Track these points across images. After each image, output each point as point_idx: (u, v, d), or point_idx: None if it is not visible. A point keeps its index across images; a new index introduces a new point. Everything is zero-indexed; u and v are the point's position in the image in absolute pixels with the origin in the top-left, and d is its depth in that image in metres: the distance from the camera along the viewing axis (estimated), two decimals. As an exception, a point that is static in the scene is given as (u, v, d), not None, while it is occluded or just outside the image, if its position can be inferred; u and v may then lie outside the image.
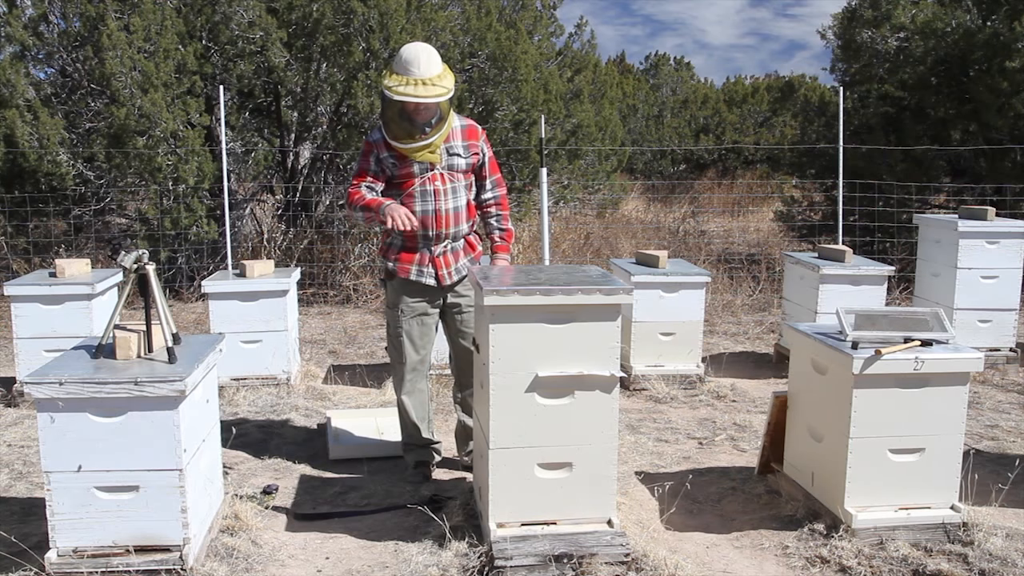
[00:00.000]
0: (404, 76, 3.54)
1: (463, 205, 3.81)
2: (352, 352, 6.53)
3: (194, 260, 8.41)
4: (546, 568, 3.00)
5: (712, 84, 22.37)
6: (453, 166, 3.76)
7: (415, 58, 3.54)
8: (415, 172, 3.71)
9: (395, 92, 3.52)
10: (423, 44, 3.65)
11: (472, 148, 3.80)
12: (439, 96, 3.55)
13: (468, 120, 3.87)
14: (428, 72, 3.54)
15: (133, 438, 2.89)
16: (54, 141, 7.64)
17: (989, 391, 5.43)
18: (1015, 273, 5.95)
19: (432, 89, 3.53)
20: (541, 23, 9.91)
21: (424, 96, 3.52)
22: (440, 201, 3.73)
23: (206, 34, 8.24)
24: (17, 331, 5.08)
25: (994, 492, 3.59)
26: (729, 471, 4.12)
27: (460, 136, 3.78)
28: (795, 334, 3.70)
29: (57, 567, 2.91)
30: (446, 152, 3.73)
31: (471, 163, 3.82)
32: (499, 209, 3.94)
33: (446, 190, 3.73)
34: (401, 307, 3.80)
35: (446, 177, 3.74)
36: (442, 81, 3.56)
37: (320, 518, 3.57)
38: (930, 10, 9.25)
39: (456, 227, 3.79)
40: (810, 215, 10.66)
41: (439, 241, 3.77)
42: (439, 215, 3.73)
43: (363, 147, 3.81)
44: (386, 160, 3.72)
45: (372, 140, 3.77)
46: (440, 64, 3.60)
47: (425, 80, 3.52)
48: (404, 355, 3.83)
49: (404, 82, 3.53)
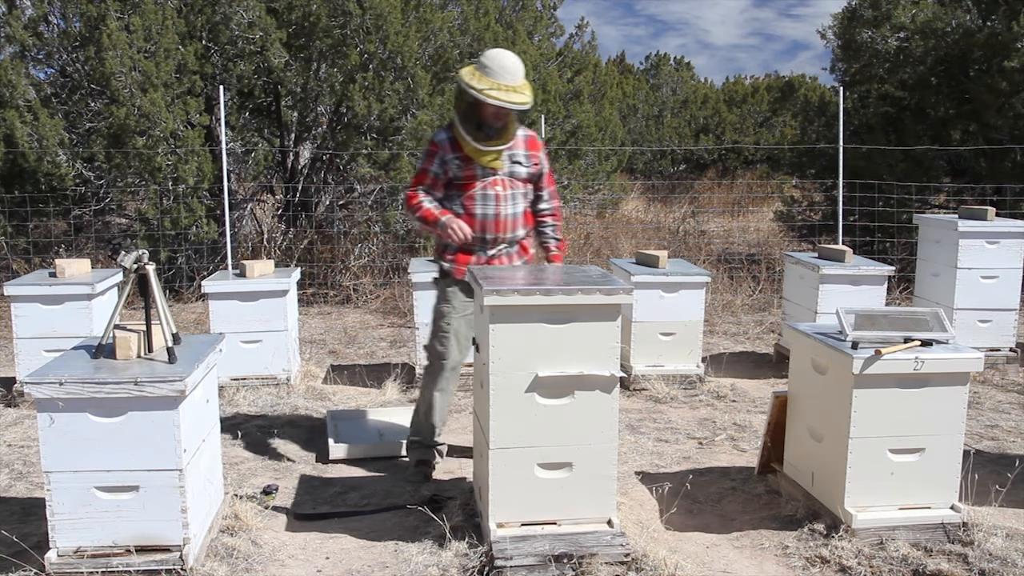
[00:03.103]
0: (495, 80, 3.62)
1: (520, 212, 3.89)
2: (352, 352, 6.53)
3: (194, 260, 8.41)
4: (546, 568, 3.00)
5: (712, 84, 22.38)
6: (514, 173, 3.84)
7: (509, 64, 3.65)
8: (477, 175, 3.78)
9: (486, 95, 3.60)
10: (511, 52, 3.75)
11: (533, 158, 3.90)
12: (525, 104, 3.66)
13: (529, 131, 3.96)
14: (517, 80, 3.65)
15: (133, 438, 2.89)
16: (54, 141, 7.64)
17: (989, 391, 5.43)
18: (1015, 273, 5.95)
19: (520, 96, 3.64)
20: (541, 23, 9.92)
21: (515, 103, 3.63)
22: (500, 206, 3.81)
23: (206, 34, 8.24)
24: (17, 331, 5.08)
25: (994, 492, 3.60)
26: (729, 471, 4.12)
27: (522, 145, 3.87)
28: (795, 334, 3.70)
29: (57, 567, 2.91)
30: (508, 159, 3.82)
31: (531, 172, 3.90)
32: (554, 220, 4.05)
33: (506, 196, 3.82)
34: (454, 304, 3.86)
35: (507, 183, 3.82)
36: (527, 91, 3.68)
37: (320, 518, 3.57)
38: (930, 10, 9.25)
39: (513, 232, 3.87)
40: (810, 215, 10.66)
41: (495, 245, 3.86)
42: (498, 220, 3.81)
43: (427, 148, 3.88)
44: (451, 162, 3.78)
45: (438, 141, 3.82)
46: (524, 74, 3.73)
47: (515, 87, 3.63)
48: (448, 352, 3.87)
49: (496, 86, 3.61)
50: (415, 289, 5.49)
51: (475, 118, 3.71)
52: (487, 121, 3.70)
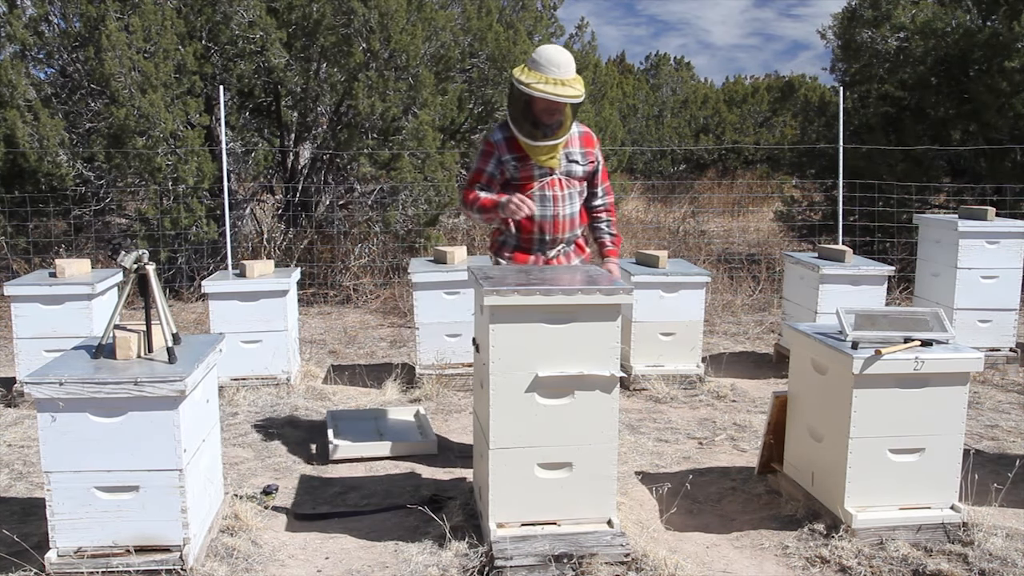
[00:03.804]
0: (544, 75, 3.58)
1: (577, 211, 3.88)
2: (352, 352, 6.53)
3: (194, 260, 8.41)
4: (546, 568, 3.00)
5: (712, 84, 22.38)
6: (571, 172, 3.81)
7: (557, 59, 3.60)
8: (535, 175, 3.75)
9: (534, 89, 3.56)
10: (561, 47, 3.70)
11: (589, 156, 3.87)
12: (575, 97, 3.61)
13: (585, 127, 3.92)
14: (567, 73, 3.60)
15: (133, 438, 2.89)
16: (54, 141, 7.64)
17: (989, 391, 5.43)
18: (1015, 273, 5.95)
19: (569, 90, 3.59)
20: (541, 24, 9.92)
21: (563, 95, 3.57)
22: (558, 206, 3.79)
23: (206, 34, 8.24)
24: (17, 331, 5.08)
25: (994, 492, 3.59)
26: (729, 471, 4.12)
27: (578, 143, 3.84)
28: (795, 334, 3.70)
29: (57, 567, 2.91)
30: (565, 158, 3.79)
31: (587, 170, 3.87)
32: (609, 215, 4.03)
33: (563, 196, 3.79)
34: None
35: (564, 183, 3.80)
36: (577, 84, 3.62)
37: (320, 518, 3.57)
38: (930, 10, 9.25)
39: (571, 232, 3.87)
40: (810, 215, 10.66)
41: (554, 245, 3.85)
42: (556, 220, 3.80)
43: (483, 147, 3.84)
44: (508, 162, 3.74)
45: (494, 141, 3.78)
46: (575, 68, 3.67)
47: (564, 80, 3.58)
48: None
49: (544, 80, 3.57)
50: (415, 289, 5.49)
51: (529, 115, 3.65)
52: (540, 117, 3.65)
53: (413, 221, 8.58)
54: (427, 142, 8.12)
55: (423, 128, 8.08)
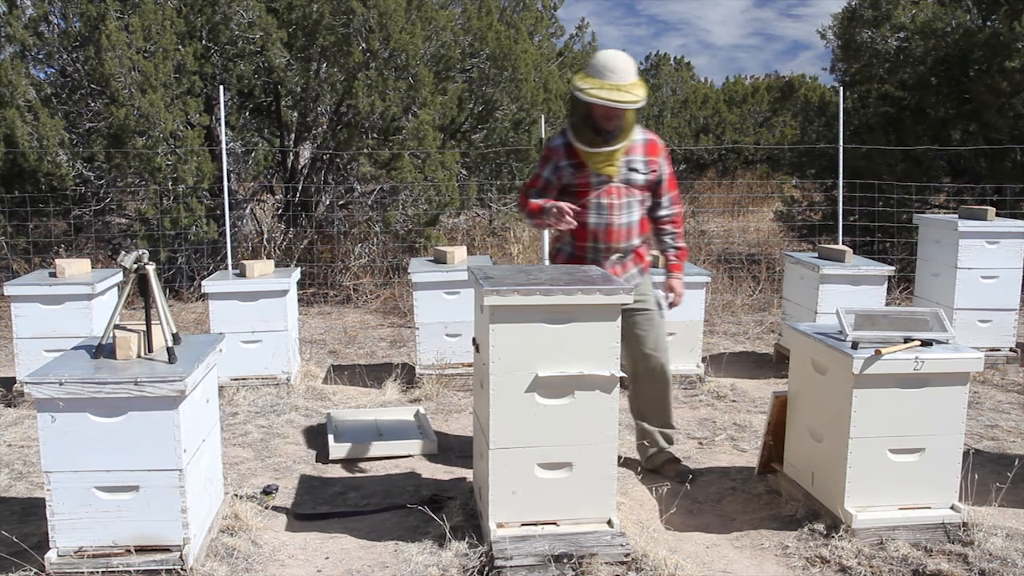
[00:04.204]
0: (600, 80, 3.52)
1: (636, 220, 3.78)
2: (352, 352, 6.53)
3: (194, 260, 8.41)
4: (546, 568, 3.00)
5: (712, 84, 22.36)
6: (630, 180, 3.72)
7: (613, 63, 3.53)
8: (592, 182, 3.68)
9: (588, 94, 3.50)
10: (620, 51, 3.61)
11: (651, 164, 3.76)
12: (632, 103, 3.53)
13: (650, 135, 3.82)
14: (624, 78, 3.53)
15: (133, 438, 2.89)
16: (54, 141, 7.64)
17: (989, 391, 5.43)
18: (1015, 273, 5.95)
19: (626, 95, 3.51)
20: (542, 24, 9.92)
21: (618, 101, 3.50)
22: (614, 215, 3.71)
23: (206, 34, 8.24)
24: (17, 331, 5.08)
25: (994, 492, 3.59)
26: (729, 471, 4.12)
27: (640, 151, 3.74)
28: (795, 334, 3.70)
29: (57, 567, 2.91)
30: (625, 166, 3.70)
31: (649, 179, 3.77)
32: (674, 227, 3.92)
33: (620, 204, 3.72)
34: None
35: (622, 191, 3.71)
36: (635, 90, 3.54)
37: (320, 518, 3.57)
38: (930, 10, 9.25)
39: (627, 242, 3.79)
40: (810, 215, 10.65)
41: (609, 254, 3.77)
42: (610, 229, 3.73)
43: (543, 152, 3.79)
44: (564, 168, 3.69)
45: (553, 146, 3.74)
46: (635, 73, 3.59)
47: (620, 86, 3.51)
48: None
49: (599, 86, 3.51)
50: (415, 289, 5.48)
51: (589, 121, 3.59)
52: (600, 123, 3.58)
53: (413, 221, 8.58)
54: (427, 142, 8.12)
55: (423, 128, 8.08)
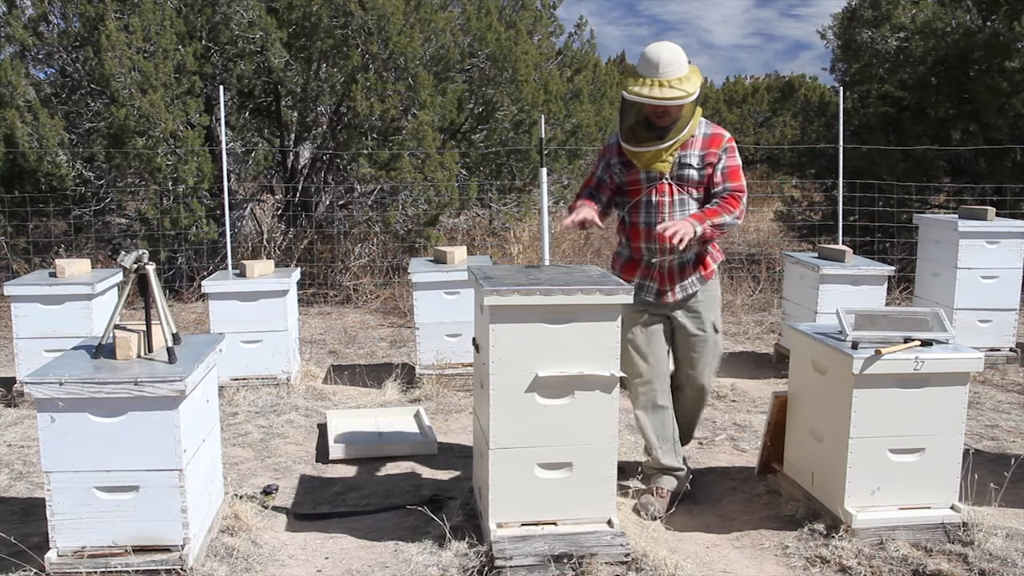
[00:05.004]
0: (643, 77, 3.35)
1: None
2: (352, 352, 6.53)
3: (194, 260, 8.41)
4: (546, 568, 3.00)
5: (712, 84, 22.34)
6: (683, 177, 3.49)
7: (655, 58, 3.33)
8: (642, 181, 3.52)
9: (629, 92, 3.34)
10: (668, 44, 3.39)
11: (708, 157, 3.49)
12: (675, 99, 3.32)
13: (717, 128, 3.57)
14: (668, 73, 3.32)
15: (133, 438, 2.89)
16: (54, 141, 7.64)
17: (989, 391, 5.43)
18: (1015, 273, 5.95)
19: (668, 91, 3.31)
20: (541, 23, 9.92)
21: (658, 97, 3.31)
22: (664, 214, 3.49)
23: (206, 34, 8.24)
24: (17, 331, 5.08)
25: (994, 492, 3.59)
26: (729, 471, 4.12)
27: (699, 145, 3.51)
28: (795, 334, 3.70)
29: (57, 567, 2.91)
30: (678, 162, 3.48)
31: (705, 174, 3.51)
32: (722, 202, 3.49)
33: (672, 202, 3.50)
34: (623, 317, 3.47)
35: (674, 188, 3.49)
36: (682, 84, 3.32)
37: (320, 518, 3.57)
38: (930, 10, 9.25)
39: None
40: (810, 215, 10.65)
41: (661, 255, 3.55)
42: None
43: (599, 150, 3.71)
44: (615, 166, 3.57)
45: (608, 144, 3.66)
46: (685, 66, 3.38)
47: (663, 81, 3.32)
48: (633, 366, 3.60)
49: (641, 83, 3.34)
50: (415, 289, 5.48)
51: (640, 119, 3.44)
52: (649, 121, 3.42)
53: (413, 221, 8.58)
54: (427, 142, 8.12)
55: (423, 128, 8.08)
